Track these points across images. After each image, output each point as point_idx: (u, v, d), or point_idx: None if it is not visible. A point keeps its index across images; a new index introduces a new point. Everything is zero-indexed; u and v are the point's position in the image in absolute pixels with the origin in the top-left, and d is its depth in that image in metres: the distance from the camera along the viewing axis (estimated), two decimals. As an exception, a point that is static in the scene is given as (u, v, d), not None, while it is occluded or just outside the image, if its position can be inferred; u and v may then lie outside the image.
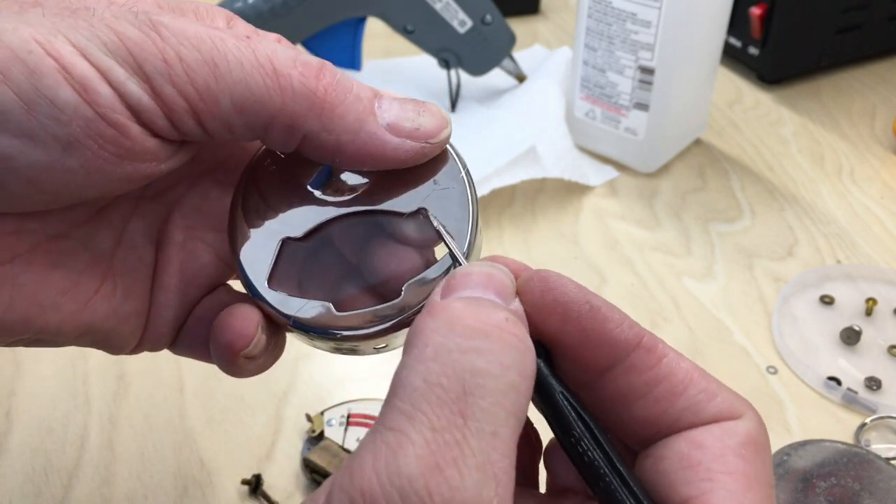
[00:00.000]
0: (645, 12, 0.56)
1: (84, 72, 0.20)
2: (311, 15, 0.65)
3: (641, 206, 0.60)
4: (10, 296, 0.23)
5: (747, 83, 0.76)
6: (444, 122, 0.24)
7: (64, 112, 0.20)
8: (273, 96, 0.22)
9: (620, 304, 0.51)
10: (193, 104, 0.22)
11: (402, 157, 0.24)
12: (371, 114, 0.23)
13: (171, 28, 0.21)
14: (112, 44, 0.21)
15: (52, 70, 0.20)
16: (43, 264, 0.24)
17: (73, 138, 0.20)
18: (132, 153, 0.22)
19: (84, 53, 0.20)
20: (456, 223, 0.25)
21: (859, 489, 0.39)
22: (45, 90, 0.20)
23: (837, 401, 0.45)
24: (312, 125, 0.23)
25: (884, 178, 0.64)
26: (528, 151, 0.59)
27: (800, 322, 0.50)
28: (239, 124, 0.22)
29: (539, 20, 0.88)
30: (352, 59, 0.68)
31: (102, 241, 0.26)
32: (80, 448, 0.41)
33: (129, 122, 0.21)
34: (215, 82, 0.22)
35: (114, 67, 0.21)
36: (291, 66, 0.23)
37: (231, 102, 0.22)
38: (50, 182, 0.21)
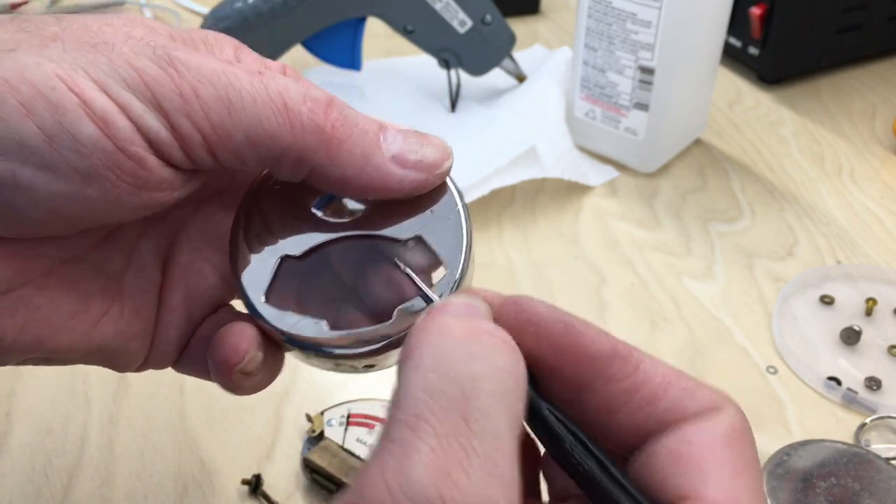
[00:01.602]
0: (645, 12, 0.56)
1: (105, 107, 0.21)
2: (311, 15, 0.65)
3: (641, 206, 0.60)
4: (23, 318, 0.23)
5: (747, 83, 0.76)
6: (446, 154, 0.25)
7: (85, 146, 0.21)
8: (284, 132, 0.23)
9: (620, 304, 0.52)
10: (208, 137, 0.23)
11: (407, 189, 0.25)
12: (377, 147, 0.24)
13: (188, 64, 0.22)
14: (131, 79, 0.22)
15: (74, 105, 0.21)
16: (56, 287, 0.24)
17: (93, 170, 0.21)
18: (149, 183, 0.23)
19: (104, 89, 0.21)
20: (449, 252, 0.25)
21: (859, 489, 0.39)
22: (67, 125, 0.21)
23: (837, 401, 0.45)
24: (321, 160, 0.24)
25: (884, 178, 0.64)
26: (528, 151, 0.59)
27: (800, 322, 0.50)
28: (250, 157, 0.23)
29: (539, 20, 0.88)
30: (352, 59, 0.69)
31: (113, 263, 0.26)
32: (80, 448, 0.41)
33: (147, 155, 0.22)
34: (229, 117, 0.22)
35: (133, 102, 0.22)
36: (301, 102, 0.23)
37: (244, 137, 0.23)
38: (70, 211, 0.22)
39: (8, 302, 0.23)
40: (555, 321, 0.22)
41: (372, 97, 0.71)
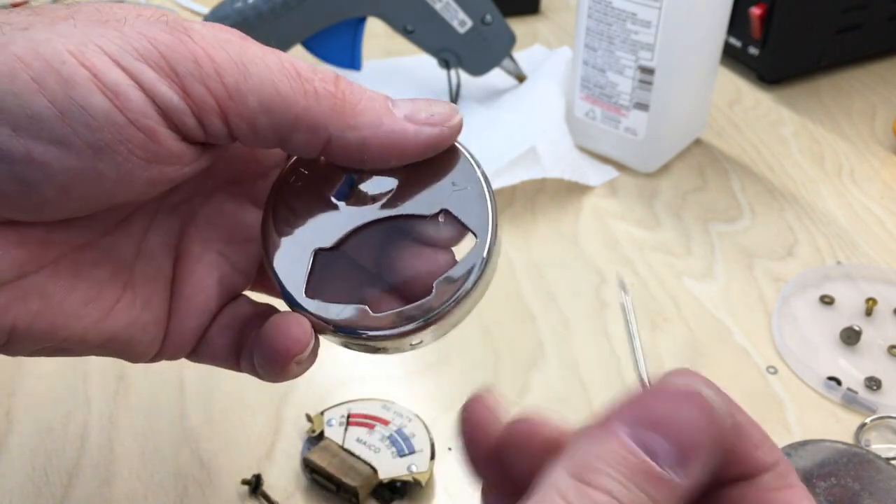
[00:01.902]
0: (645, 12, 0.56)
1: (116, 79, 0.21)
2: (311, 15, 0.65)
3: (641, 206, 0.60)
4: (37, 305, 0.24)
5: (747, 83, 0.76)
6: (454, 110, 0.26)
7: (96, 119, 0.21)
8: (298, 98, 0.23)
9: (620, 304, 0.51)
10: (222, 103, 0.23)
11: (423, 144, 0.25)
12: (388, 110, 0.25)
13: (202, 31, 0.23)
14: (143, 49, 0.22)
15: (84, 79, 0.21)
16: (68, 274, 0.24)
17: (104, 143, 0.21)
18: (159, 157, 0.23)
19: (116, 61, 0.21)
20: (477, 220, 0.26)
21: (859, 489, 0.39)
22: (78, 98, 0.21)
23: (837, 401, 0.45)
24: (336, 124, 0.24)
25: (884, 178, 0.64)
26: (528, 152, 0.59)
27: (800, 322, 0.50)
28: (264, 124, 0.23)
29: (539, 20, 0.88)
30: (352, 59, 0.69)
31: (123, 251, 0.26)
32: (80, 448, 0.41)
33: (159, 127, 0.22)
34: (244, 81, 0.23)
35: (145, 71, 0.22)
36: (313, 72, 0.24)
37: (258, 102, 0.23)
38: (81, 187, 0.22)
39: (21, 289, 0.23)
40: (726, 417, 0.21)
41: (372, 97, 0.71)
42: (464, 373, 0.46)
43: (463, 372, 0.46)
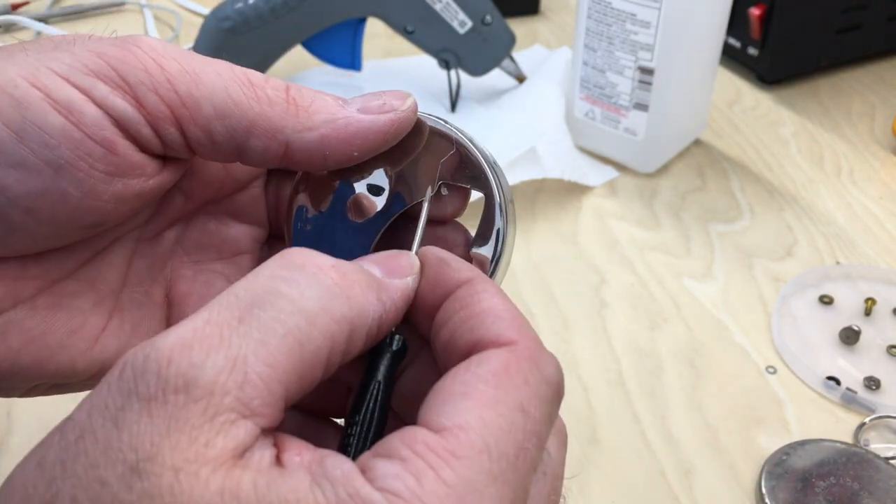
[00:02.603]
0: (644, 13, 0.56)
1: (69, 96, 0.22)
2: (311, 15, 0.66)
3: (641, 206, 0.60)
4: (18, 341, 0.23)
5: (747, 83, 0.76)
6: (405, 94, 0.25)
7: (53, 136, 0.21)
8: (251, 103, 0.23)
9: (620, 304, 0.52)
10: (176, 111, 0.23)
11: (384, 129, 0.25)
12: (340, 106, 0.25)
13: (151, 44, 0.23)
14: (94, 64, 0.22)
15: (37, 99, 0.21)
16: (48, 307, 0.24)
17: (63, 161, 0.22)
18: (121, 169, 0.23)
19: (67, 78, 0.22)
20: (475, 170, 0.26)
21: (858, 489, 0.39)
22: (32, 118, 0.21)
23: (836, 400, 0.45)
24: (292, 126, 0.24)
25: (883, 178, 0.64)
26: (528, 152, 0.59)
27: (799, 322, 0.50)
28: (220, 132, 0.23)
29: (539, 20, 0.88)
30: (352, 59, 0.69)
31: (107, 279, 0.26)
32: (81, 448, 0.41)
33: (116, 138, 0.22)
34: (196, 88, 0.23)
35: (96, 85, 0.22)
36: (264, 81, 0.24)
37: (212, 108, 0.23)
38: (47, 208, 0.22)
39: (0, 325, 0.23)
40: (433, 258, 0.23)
41: (372, 97, 0.71)
42: (464, 372, 0.46)
43: (463, 372, 0.46)
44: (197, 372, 0.18)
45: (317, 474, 0.18)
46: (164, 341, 0.18)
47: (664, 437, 0.43)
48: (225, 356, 0.18)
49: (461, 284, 0.23)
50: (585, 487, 0.40)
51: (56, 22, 0.85)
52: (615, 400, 0.45)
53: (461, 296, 0.22)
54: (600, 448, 0.42)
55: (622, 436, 0.43)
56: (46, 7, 0.87)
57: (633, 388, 0.45)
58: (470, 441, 0.19)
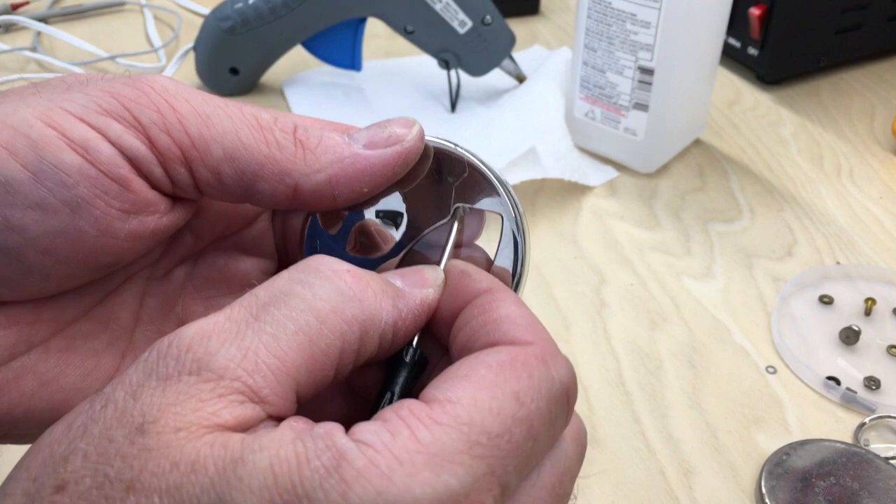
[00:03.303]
0: (644, 13, 0.56)
1: (84, 134, 0.22)
2: (311, 15, 0.66)
3: (641, 207, 0.60)
4: (32, 385, 0.24)
5: (746, 83, 0.76)
6: (410, 122, 0.25)
7: (70, 175, 0.22)
8: (260, 147, 0.24)
9: (620, 304, 0.52)
10: (187, 152, 0.23)
11: (392, 164, 0.25)
12: (346, 144, 0.25)
13: (163, 84, 0.23)
14: (107, 104, 0.22)
15: (53, 139, 0.21)
16: (61, 349, 0.25)
17: (81, 199, 0.22)
18: (136, 206, 0.23)
19: (81, 118, 0.22)
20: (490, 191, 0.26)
21: (858, 489, 0.39)
22: (49, 158, 0.21)
23: (836, 400, 0.45)
24: (301, 169, 0.24)
25: (883, 178, 0.64)
26: (528, 152, 0.59)
27: (799, 322, 0.50)
28: (229, 173, 0.24)
29: (539, 21, 0.88)
30: (352, 59, 0.69)
31: (119, 319, 0.27)
32: (81, 447, 0.41)
33: (131, 175, 0.23)
34: (207, 130, 0.23)
35: (111, 125, 0.22)
36: (272, 122, 0.24)
37: (222, 150, 0.23)
38: (64, 248, 0.22)
39: (13, 371, 0.24)
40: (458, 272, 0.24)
41: (372, 98, 0.71)
42: (464, 372, 0.46)
43: (463, 372, 0.46)
44: (210, 359, 0.19)
45: (302, 431, 0.19)
46: (187, 331, 0.20)
47: (664, 437, 0.43)
48: (238, 347, 0.19)
49: (481, 293, 0.23)
50: (585, 487, 0.40)
51: (56, 22, 0.85)
52: (615, 400, 0.45)
53: (480, 303, 0.23)
54: (600, 448, 0.42)
55: (622, 436, 0.43)
56: (46, 7, 0.87)
57: (633, 387, 0.45)
58: (455, 412, 0.19)
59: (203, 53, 0.68)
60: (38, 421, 0.24)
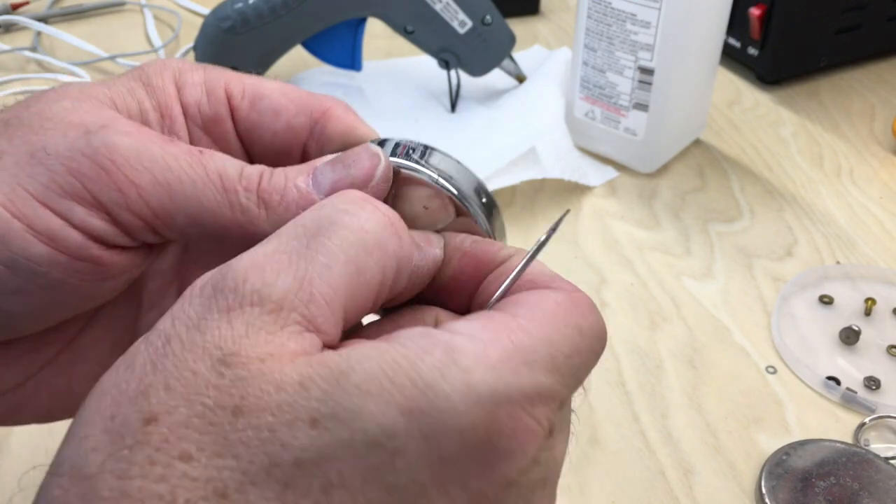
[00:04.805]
0: (644, 13, 0.56)
1: (49, 225, 0.22)
2: (311, 15, 0.66)
3: (641, 207, 0.60)
4: (48, 398, 0.25)
5: (746, 84, 0.76)
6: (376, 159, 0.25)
7: (40, 265, 0.23)
8: (224, 211, 0.24)
9: (620, 304, 0.52)
10: (150, 222, 0.24)
11: None
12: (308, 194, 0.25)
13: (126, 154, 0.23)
14: (68, 185, 0.23)
15: (20, 231, 0.22)
16: (69, 362, 0.26)
17: (55, 281, 0.23)
18: (111, 272, 0.24)
19: (46, 203, 0.23)
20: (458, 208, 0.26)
21: (858, 489, 0.39)
22: (18, 252, 0.22)
23: (836, 400, 0.45)
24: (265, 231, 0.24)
25: (883, 178, 0.64)
26: (528, 152, 0.59)
27: (799, 322, 0.50)
28: (195, 235, 0.24)
29: (539, 21, 0.88)
30: (352, 59, 0.69)
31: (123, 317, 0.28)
32: (81, 448, 0.41)
33: (99, 252, 0.23)
34: (169, 201, 0.23)
35: (74, 209, 0.23)
36: (237, 180, 0.24)
37: (186, 217, 0.24)
38: (50, 316, 0.24)
39: (29, 389, 0.25)
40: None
41: (372, 98, 0.71)
42: (464, 372, 0.46)
43: (463, 372, 0.46)
44: (269, 289, 0.19)
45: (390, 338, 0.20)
46: (239, 263, 0.20)
47: (664, 437, 0.43)
48: (294, 276, 0.20)
49: (506, 259, 0.24)
50: (585, 487, 0.40)
51: (56, 22, 0.85)
52: (615, 400, 0.45)
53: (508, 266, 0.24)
54: (600, 448, 0.42)
55: (622, 436, 0.43)
56: (46, 7, 0.87)
57: (633, 387, 0.45)
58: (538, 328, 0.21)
59: (203, 53, 0.68)
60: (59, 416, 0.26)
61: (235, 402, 0.18)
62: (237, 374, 0.18)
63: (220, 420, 0.18)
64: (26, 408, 0.25)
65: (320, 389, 0.18)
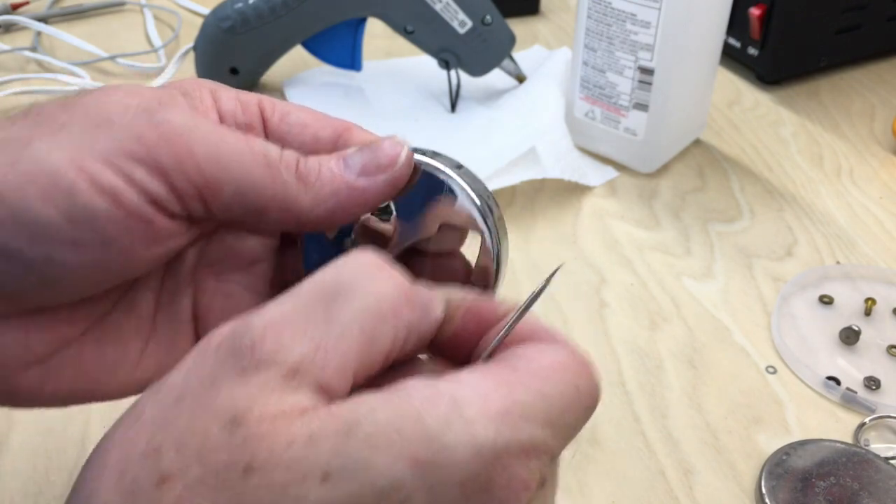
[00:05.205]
0: (644, 13, 0.56)
1: (112, 182, 0.24)
2: (311, 15, 0.66)
3: (641, 207, 0.60)
4: (71, 374, 0.27)
5: (746, 84, 0.76)
6: (399, 144, 0.28)
7: (99, 218, 0.24)
8: (267, 185, 0.27)
9: (620, 304, 0.52)
10: (202, 191, 0.26)
11: (384, 189, 0.28)
12: (341, 175, 0.28)
13: (183, 126, 0.26)
14: (132, 150, 0.25)
15: (86, 186, 0.24)
16: (95, 341, 0.28)
17: (109, 237, 0.25)
18: (158, 237, 0.26)
19: (110, 165, 0.25)
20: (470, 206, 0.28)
21: (858, 489, 0.39)
22: (81, 204, 0.24)
23: (836, 400, 0.45)
24: (304, 203, 0.27)
25: (883, 178, 0.64)
26: (528, 152, 0.59)
27: (799, 322, 0.50)
28: (239, 208, 0.27)
29: (539, 21, 0.88)
30: (352, 59, 0.69)
31: (143, 307, 0.29)
32: (81, 447, 0.41)
33: (153, 215, 0.25)
34: (221, 173, 0.26)
35: (135, 171, 0.25)
36: (279, 159, 0.27)
37: (234, 189, 0.26)
38: (96, 275, 0.25)
39: (53, 365, 0.26)
40: None
41: (372, 98, 0.71)
42: (464, 372, 0.46)
43: (463, 372, 0.46)
44: (286, 353, 0.20)
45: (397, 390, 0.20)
46: (258, 321, 0.21)
47: (664, 437, 0.43)
48: (310, 341, 0.21)
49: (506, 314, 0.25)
50: (585, 487, 0.40)
51: (56, 22, 0.85)
52: (615, 400, 0.45)
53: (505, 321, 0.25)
54: (600, 448, 0.42)
55: (622, 436, 0.43)
56: (46, 7, 0.87)
57: (633, 387, 0.45)
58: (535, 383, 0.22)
59: (203, 53, 0.68)
60: (78, 400, 0.27)
61: (247, 460, 0.19)
62: (249, 433, 0.19)
63: (232, 479, 0.18)
64: (49, 384, 0.26)
65: (330, 442, 0.19)
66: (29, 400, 0.26)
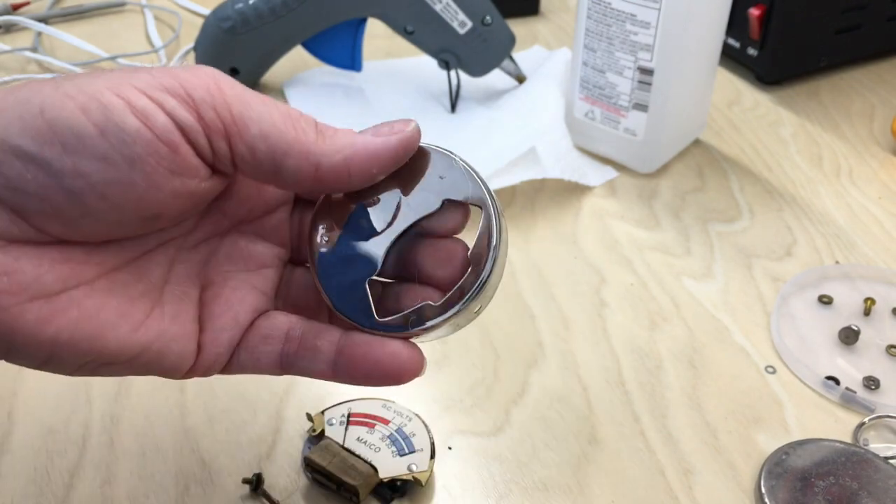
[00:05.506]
0: (644, 13, 0.56)
1: (145, 105, 0.26)
2: (311, 15, 0.66)
3: (641, 207, 0.60)
4: (76, 316, 0.27)
5: (746, 84, 0.77)
6: (409, 119, 0.30)
7: (130, 135, 0.26)
8: (289, 130, 0.29)
9: (620, 304, 0.52)
10: (228, 127, 0.28)
11: (395, 148, 0.30)
12: (356, 134, 0.30)
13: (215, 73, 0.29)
14: (167, 83, 0.27)
15: (120, 105, 0.26)
16: (103, 290, 0.29)
17: (136, 156, 0.26)
18: (181, 168, 0.27)
19: (144, 92, 0.27)
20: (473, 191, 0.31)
21: (857, 488, 0.39)
22: (115, 119, 0.26)
23: (836, 400, 0.45)
24: (322, 150, 0.29)
25: (882, 178, 0.64)
26: (527, 152, 0.59)
27: (798, 322, 0.50)
28: (262, 149, 0.28)
29: (539, 21, 0.89)
30: (352, 59, 0.69)
31: (153, 276, 0.31)
32: (82, 448, 0.41)
33: (180, 142, 0.27)
34: (247, 112, 0.28)
35: (167, 99, 0.27)
36: (299, 115, 0.29)
37: (258, 129, 0.28)
38: (117, 195, 0.27)
39: (62, 302, 0.27)
40: None
41: (372, 98, 0.71)
42: (463, 372, 0.46)
43: (463, 371, 0.46)
44: None
45: None
46: None
47: (664, 437, 0.43)
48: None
49: None
50: (585, 487, 0.40)
51: (56, 22, 0.85)
52: (615, 400, 0.45)
53: None
54: (600, 448, 0.42)
55: (622, 435, 0.43)
56: (47, 7, 0.87)
57: (633, 387, 0.45)
58: None
59: (203, 54, 0.68)
60: (76, 349, 0.28)
61: None
62: None
63: None
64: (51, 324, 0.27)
65: None
66: (27, 341, 0.27)
